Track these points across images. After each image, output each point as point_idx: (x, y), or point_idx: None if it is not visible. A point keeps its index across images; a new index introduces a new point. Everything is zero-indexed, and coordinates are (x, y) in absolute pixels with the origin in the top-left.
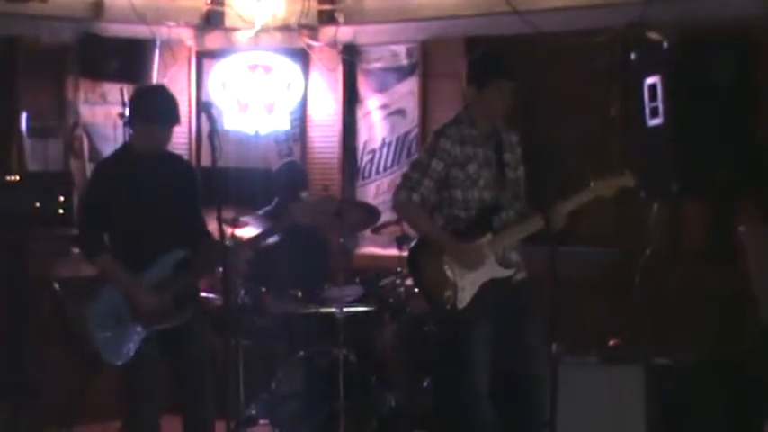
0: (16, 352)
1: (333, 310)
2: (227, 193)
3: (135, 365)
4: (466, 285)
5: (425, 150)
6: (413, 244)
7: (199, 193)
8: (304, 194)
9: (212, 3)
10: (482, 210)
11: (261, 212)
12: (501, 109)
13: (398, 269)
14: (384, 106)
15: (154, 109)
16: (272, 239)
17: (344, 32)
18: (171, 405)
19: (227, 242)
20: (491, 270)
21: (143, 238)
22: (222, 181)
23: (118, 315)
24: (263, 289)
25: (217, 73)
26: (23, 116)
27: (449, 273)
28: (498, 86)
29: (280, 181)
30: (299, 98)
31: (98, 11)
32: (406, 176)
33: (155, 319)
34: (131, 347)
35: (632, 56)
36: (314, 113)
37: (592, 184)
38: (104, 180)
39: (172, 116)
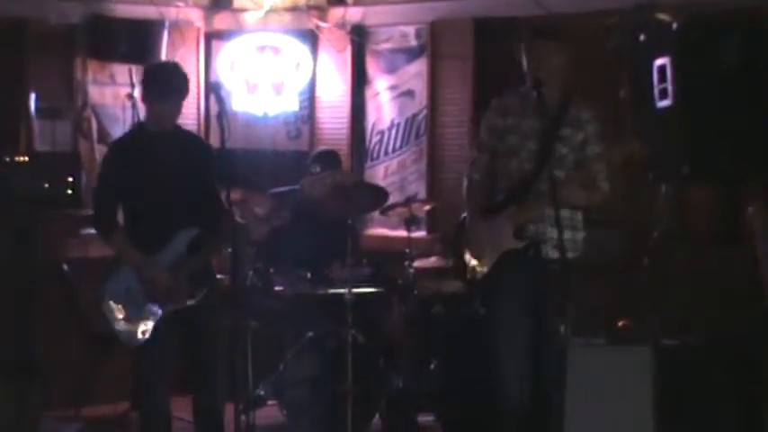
0: (24, 334)
1: (341, 291)
2: (236, 174)
3: (149, 346)
4: (485, 257)
5: (481, 125)
6: (460, 220)
7: (214, 172)
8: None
9: None
10: (520, 182)
11: (284, 189)
12: (538, 76)
13: (407, 250)
14: (393, 87)
15: (160, 84)
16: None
17: (353, 13)
18: (181, 386)
19: (241, 218)
20: (505, 242)
21: (157, 217)
22: (230, 162)
23: (134, 296)
24: (272, 270)
25: (225, 54)
26: (32, 97)
27: (474, 246)
28: (532, 51)
29: (316, 167)
30: (307, 79)
31: None
32: (471, 156)
33: (170, 299)
34: (147, 328)
35: (641, 37)
36: (322, 94)
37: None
38: (118, 159)
39: (178, 90)
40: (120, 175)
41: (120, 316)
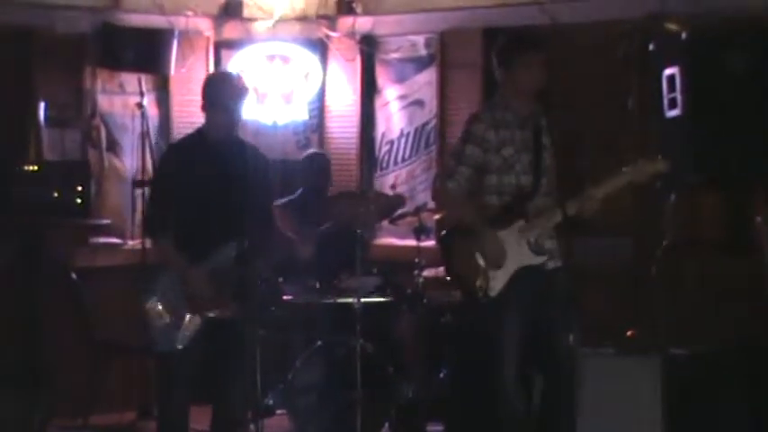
0: (32, 342)
1: (350, 300)
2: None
3: (180, 352)
4: (498, 273)
5: (460, 137)
6: (444, 232)
7: (268, 184)
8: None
9: None
10: (517, 195)
11: (284, 201)
12: (533, 85)
13: (416, 260)
14: (402, 97)
15: (219, 94)
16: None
17: (363, 23)
18: (200, 395)
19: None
20: (523, 257)
21: (207, 225)
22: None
23: (175, 302)
24: (281, 279)
25: (235, 63)
26: (41, 106)
27: (480, 260)
28: (526, 62)
29: (306, 172)
30: (317, 88)
31: (116, 1)
32: (443, 165)
33: (210, 307)
34: (186, 335)
35: (651, 47)
36: (332, 104)
37: (624, 169)
38: (173, 163)
39: (233, 99)
40: (172, 179)
41: (160, 320)
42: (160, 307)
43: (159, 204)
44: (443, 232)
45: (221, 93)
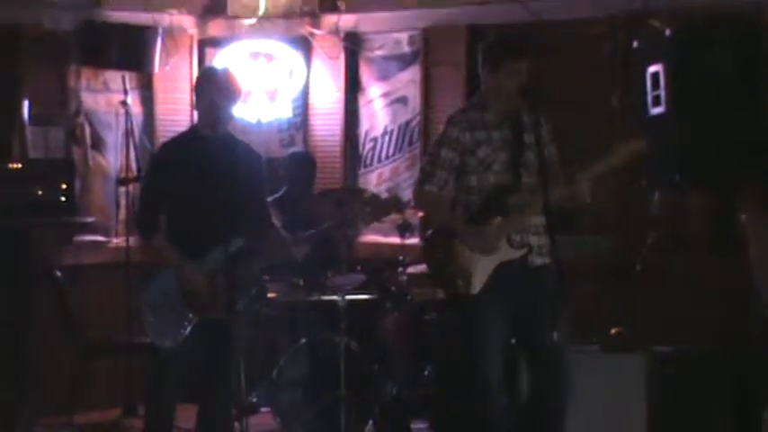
0: (17, 340)
1: (335, 298)
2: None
3: (173, 351)
4: (477, 270)
5: (435, 141)
6: (428, 233)
7: (262, 181)
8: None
9: None
10: (496, 193)
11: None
12: (516, 90)
13: (400, 257)
14: (386, 94)
15: (212, 89)
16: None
17: (346, 20)
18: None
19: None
20: (502, 253)
21: (202, 223)
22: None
23: (171, 300)
24: (266, 277)
25: (219, 61)
26: (25, 104)
27: (460, 259)
28: (512, 67)
29: (290, 170)
30: (301, 86)
31: None
32: (421, 169)
33: (207, 306)
34: (182, 333)
35: (634, 44)
36: (316, 101)
37: (605, 156)
38: (166, 160)
39: (227, 95)
40: (165, 176)
41: (156, 317)
42: (153, 304)
43: (149, 204)
44: (429, 232)
45: (213, 89)
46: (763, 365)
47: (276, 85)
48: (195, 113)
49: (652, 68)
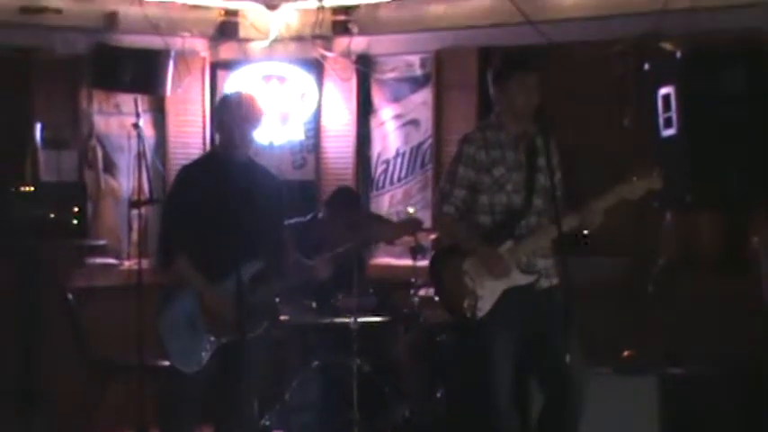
0: (29, 362)
1: (347, 320)
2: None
3: (194, 374)
4: (485, 294)
5: (453, 159)
6: (434, 253)
7: (282, 206)
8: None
9: (226, 13)
10: (507, 215)
11: (306, 219)
12: (527, 105)
13: (412, 279)
14: (398, 116)
15: (235, 115)
16: None
17: (358, 43)
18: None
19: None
20: (511, 277)
21: (222, 246)
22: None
23: (192, 323)
24: (277, 299)
25: (231, 83)
26: (37, 127)
27: (468, 281)
28: (519, 82)
29: (336, 203)
30: (313, 108)
31: (112, 22)
32: (439, 189)
33: (229, 329)
34: (204, 356)
35: (645, 66)
36: (328, 124)
37: (618, 187)
38: (186, 184)
39: (248, 120)
40: (186, 200)
41: (178, 340)
42: (178, 329)
43: (171, 227)
44: (433, 254)
45: (236, 116)
46: None
47: (288, 107)
48: (208, 136)
49: (663, 90)
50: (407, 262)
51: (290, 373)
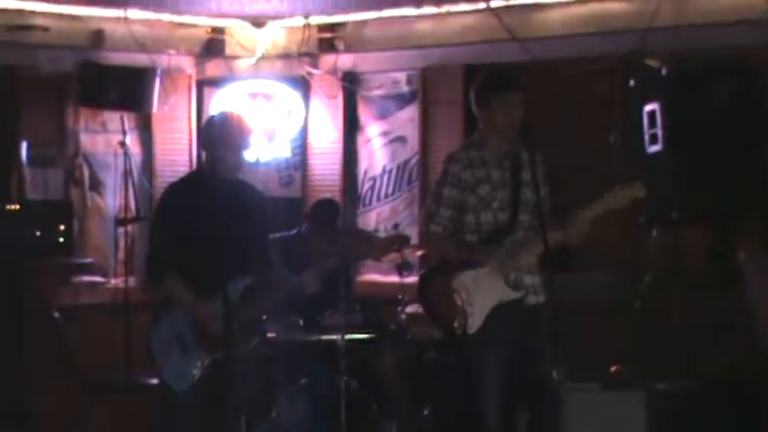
0: (16, 381)
1: (334, 337)
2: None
3: (187, 392)
4: (475, 311)
5: (438, 179)
6: (422, 273)
7: (267, 223)
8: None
9: (213, 31)
10: (494, 232)
11: (291, 234)
12: (510, 123)
13: (399, 296)
14: (384, 133)
15: (224, 134)
16: None
17: (345, 60)
18: None
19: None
20: (500, 293)
21: (210, 264)
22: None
23: (183, 341)
24: (264, 316)
25: (217, 101)
26: (23, 145)
27: (457, 299)
28: (501, 100)
29: (317, 215)
30: (299, 126)
31: (98, 40)
32: (425, 209)
33: (219, 346)
34: (195, 374)
35: (631, 83)
36: (314, 141)
37: (604, 196)
38: (173, 202)
39: (241, 141)
40: (173, 218)
41: (170, 361)
42: (169, 347)
43: (159, 245)
44: (423, 271)
45: (226, 133)
46: (762, 401)
47: (275, 124)
48: (195, 153)
49: (649, 107)
50: (394, 279)
51: (277, 390)
